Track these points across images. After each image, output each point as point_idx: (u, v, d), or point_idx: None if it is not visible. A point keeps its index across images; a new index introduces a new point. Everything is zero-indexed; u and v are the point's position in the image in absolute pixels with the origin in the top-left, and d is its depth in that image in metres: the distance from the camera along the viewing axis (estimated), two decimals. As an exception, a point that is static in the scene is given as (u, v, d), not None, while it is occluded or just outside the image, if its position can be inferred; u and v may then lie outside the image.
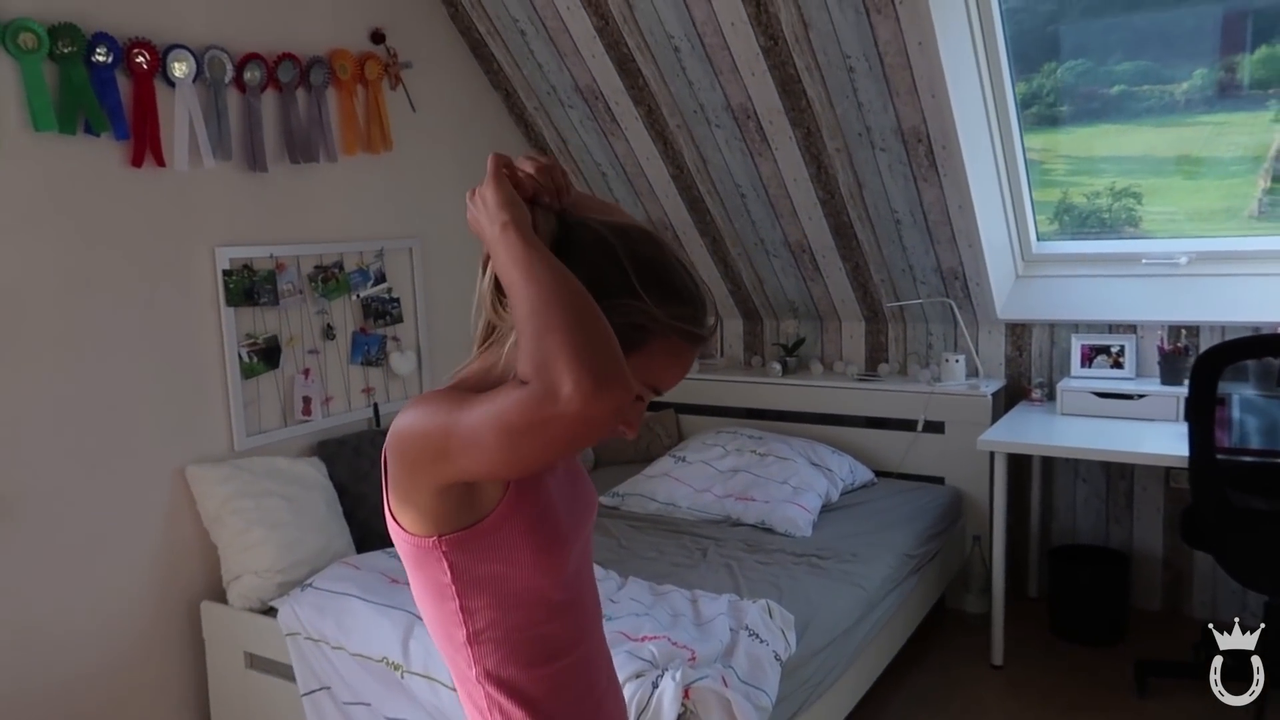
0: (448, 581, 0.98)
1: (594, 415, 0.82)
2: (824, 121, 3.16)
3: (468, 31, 3.48)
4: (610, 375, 0.84)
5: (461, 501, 0.95)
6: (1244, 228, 3.33)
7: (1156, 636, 3.29)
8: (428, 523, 0.96)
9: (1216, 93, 3.17)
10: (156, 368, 2.60)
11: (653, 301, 0.95)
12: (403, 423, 0.95)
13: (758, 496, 3.25)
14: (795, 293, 3.91)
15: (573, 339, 0.84)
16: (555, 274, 0.88)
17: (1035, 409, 3.43)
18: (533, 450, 0.86)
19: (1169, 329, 3.33)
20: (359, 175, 3.12)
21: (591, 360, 0.83)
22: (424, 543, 0.97)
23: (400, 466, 0.95)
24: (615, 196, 3.87)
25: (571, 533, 1.05)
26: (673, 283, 0.98)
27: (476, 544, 0.97)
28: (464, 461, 0.89)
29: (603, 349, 0.85)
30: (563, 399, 0.82)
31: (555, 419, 0.83)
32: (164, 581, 2.64)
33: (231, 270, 2.74)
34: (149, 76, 2.49)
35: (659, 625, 2.21)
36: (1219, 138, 3.26)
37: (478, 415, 0.87)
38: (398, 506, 0.98)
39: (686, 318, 0.98)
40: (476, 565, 0.98)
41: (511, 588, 0.99)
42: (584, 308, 0.87)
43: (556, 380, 0.82)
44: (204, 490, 2.65)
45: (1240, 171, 3.30)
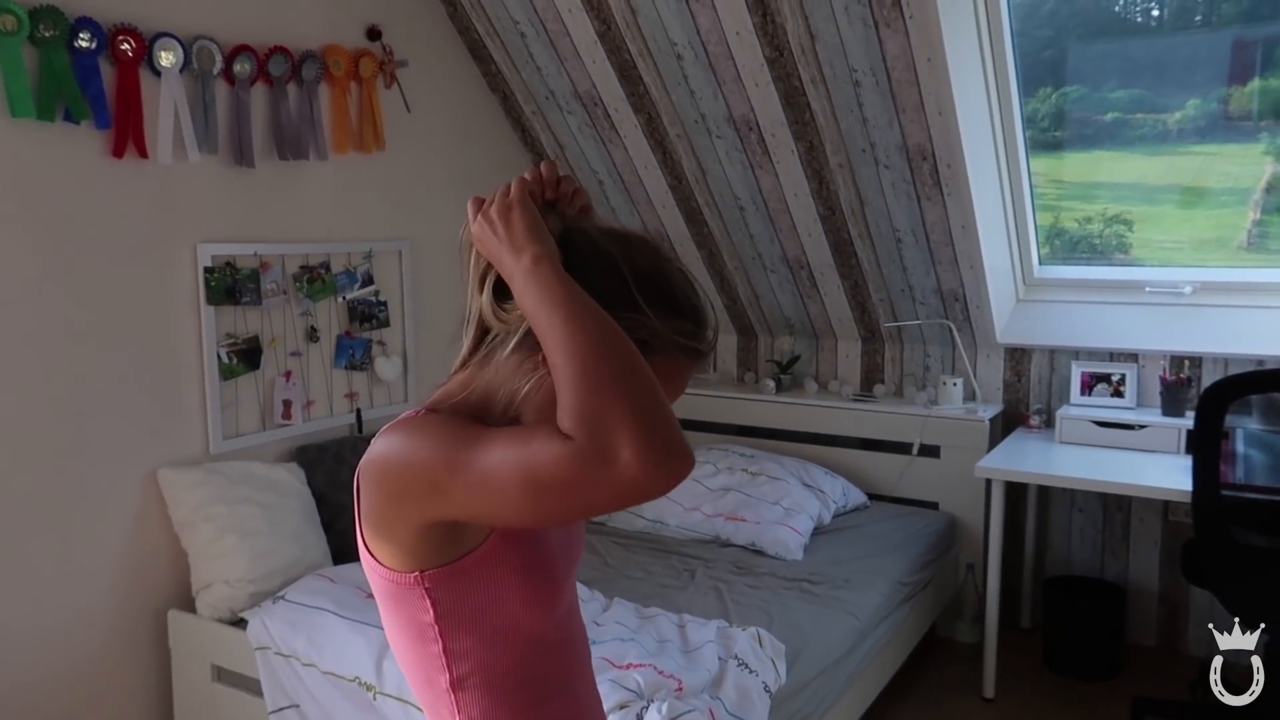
0: (430, 621, 0.90)
1: (652, 486, 0.75)
2: (827, 136, 3.10)
3: (466, 31, 3.40)
4: (677, 445, 0.77)
5: (446, 535, 0.87)
6: (1233, 258, 3.35)
7: (1152, 673, 3.22)
8: (408, 557, 0.88)
9: (1209, 123, 3.20)
10: (131, 366, 2.51)
11: (655, 316, 0.88)
12: (388, 449, 0.86)
13: (748, 517, 3.17)
14: (792, 309, 3.84)
15: (634, 401, 0.76)
16: (602, 322, 0.81)
17: (1033, 436, 3.37)
18: (563, 508, 0.78)
19: (1171, 359, 3.27)
20: (349, 174, 3.04)
21: (657, 427, 0.76)
22: (404, 578, 0.89)
23: (380, 496, 0.86)
24: (612, 206, 3.80)
25: (565, 565, 0.97)
26: (675, 296, 0.92)
27: (464, 579, 0.88)
28: (469, 503, 0.81)
29: (665, 413, 0.78)
30: (619, 465, 0.74)
31: (604, 484, 0.75)
32: (131, 588, 2.54)
33: (213, 267, 2.65)
34: (134, 65, 2.40)
35: (645, 652, 2.12)
36: (1210, 168, 3.29)
37: (497, 458, 0.79)
38: (373, 538, 0.90)
39: (689, 333, 0.91)
40: (463, 603, 0.89)
41: (501, 627, 0.91)
42: (637, 364, 0.79)
43: (614, 444, 0.75)
44: (176, 495, 2.55)
45: (1230, 202, 3.32)
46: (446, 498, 0.82)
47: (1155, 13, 3.28)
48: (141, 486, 2.54)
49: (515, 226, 0.86)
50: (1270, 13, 3.05)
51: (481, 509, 0.81)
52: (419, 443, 0.84)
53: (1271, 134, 3.13)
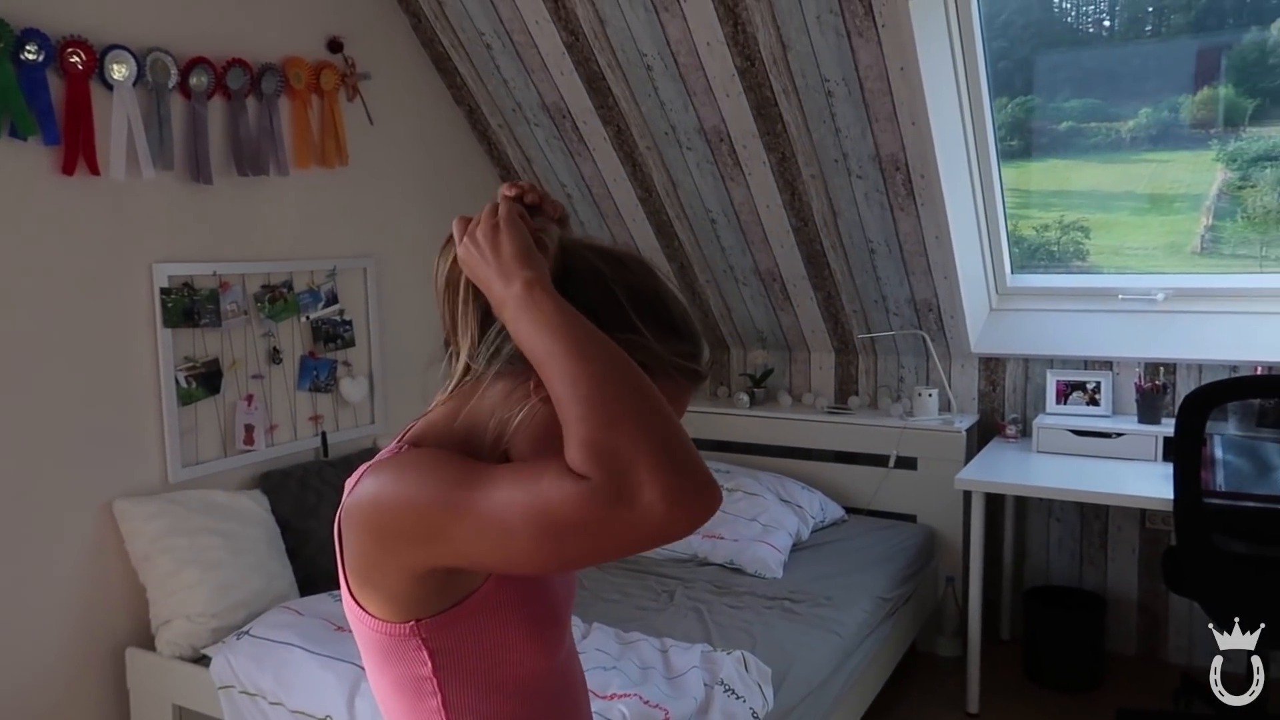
0: (428, 674, 0.82)
1: (678, 526, 0.69)
2: (800, 146, 3.06)
3: (430, 44, 3.33)
4: (703, 479, 0.70)
5: (443, 581, 0.80)
6: (1188, 264, 3.39)
7: (1134, 683, 3.20)
8: (401, 607, 0.80)
9: (1161, 131, 3.26)
10: (84, 393, 2.39)
11: (653, 337, 0.82)
12: (378, 490, 0.78)
13: (726, 534, 3.11)
14: (764, 322, 3.79)
15: (652, 433, 0.70)
16: (607, 348, 0.74)
17: (1009, 446, 3.35)
18: (578, 553, 0.71)
19: (1146, 366, 3.27)
20: (311, 190, 2.95)
21: (680, 461, 0.70)
22: (398, 630, 0.81)
23: (370, 542, 0.79)
24: (581, 220, 3.73)
25: (566, 606, 0.91)
26: (671, 316, 0.86)
27: (463, 626, 0.81)
28: (472, 548, 0.74)
29: (686, 444, 0.71)
30: (642, 505, 0.68)
31: (626, 527, 0.69)
32: (86, 626, 2.42)
33: (170, 288, 2.55)
34: (84, 78, 2.30)
35: (628, 681, 2.05)
36: (1163, 175, 3.35)
37: (503, 499, 0.72)
38: (361, 588, 0.82)
39: (687, 354, 0.86)
40: (464, 651, 0.82)
41: (504, 675, 0.84)
42: (649, 392, 0.73)
43: (634, 482, 0.68)
44: (133, 527, 2.44)
45: (1184, 209, 3.38)
46: (447, 543, 0.75)
47: (1107, 23, 3.34)
48: (96, 519, 2.43)
49: (504, 250, 0.79)
50: (1218, 23, 3.12)
51: (486, 555, 0.74)
52: (412, 482, 0.77)
53: (1222, 141, 3.19)
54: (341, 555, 0.83)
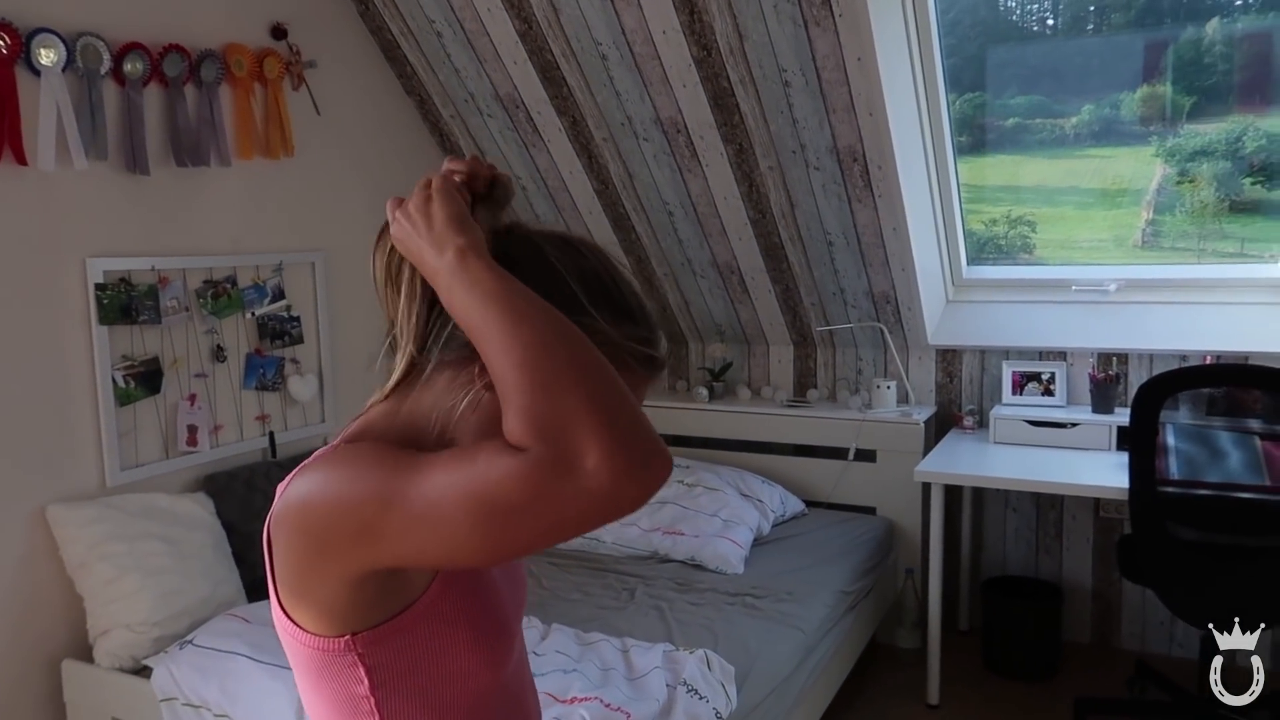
0: (365, 692, 0.77)
1: (626, 496, 0.64)
2: (757, 138, 3.03)
3: (379, 31, 3.24)
4: (651, 446, 0.65)
5: (382, 588, 0.74)
6: (1130, 256, 3.45)
7: (1089, 670, 3.22)
8: (335, 619, 0.75)
9: (1103, 128, 3.31)
10: (14, 394, 2.28)
11: (605, 320, 0.77)
12: (306, 490, 0.72)
13: (686, 530, 3.08)
14: (722, 315, 3.76)
15: (594, 398, 0.65)
16: (546, 312, 0.69)
17: (967, 437, 3.35)
18: (522, 535, 0.65)
19: (1099, 356, 3.29)
20: (255, 181, 2.85)
21: (625, 425, 0.64)
22: (332, 645, 0.75)
23: (301, 548, 0.73)
24: (536, 212, 3.67)
25: (514, 615, 0.85)
26: (626, 302, 0.81)
27: (403, 639, 0.76)
28: (408, 543, 0.68)
29: (632, 410, 0.66)
30: (585, 474, 0.63)
31: (569, 499, 0.63)
32: (19, 637, 2.31)
33: (106, 284, 2.44)
34: (8, 63, 2.19)
35: (589, 684, 2.00)
36: (1105, 170, 3.40)
37: (438, 485, 0.66)
38: (292, 601, 0.76)
39: (644, 340, 0.81)
40: (403, 667, 0.76)
41: (447, 692, 0.78)
42: (592, 356, 0.68)
43: (576, 449, 0.63)
44: (68, 533, 2.33)
45: (1125, 203, 3.44)
46: (381, 540, 0.69)
47: (1050, 21, 3.38)
48: (28, 525, 2.32)
49: (436, 219, 0.74)
50: (1156, 21, 3.17)
51: (425, 548, 0.68)
52: (344, 479, 0.71)
53: (1161, 137, 3.24)
54: (271, 565, 0.77)
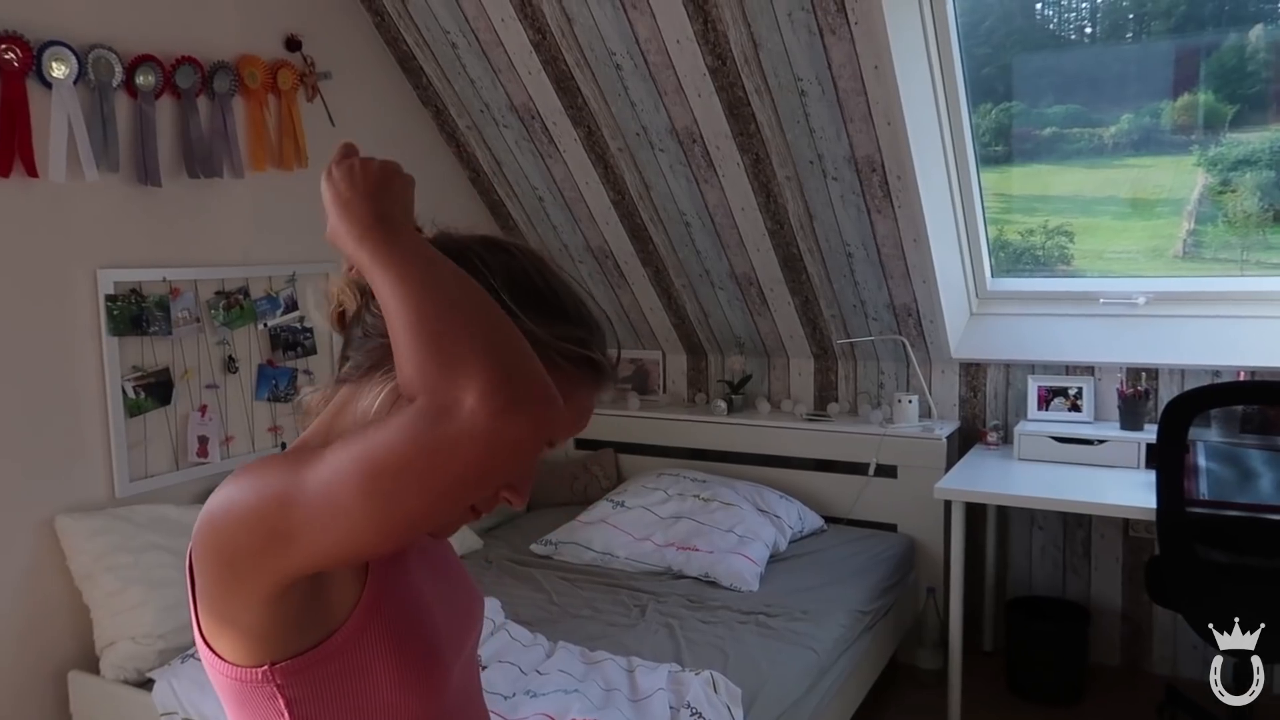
0: None
1: (507, 435, 0.60)
2: (774, 147, 2.98)
3: (394, 42, 3.24)
4: (535, 384, 0.62)
5: (302, 612, 0.70)
6: (1170, 268, 3.36)
7: (1117, 696, 3.12)
8: (255, 647, 0.71)
9: (1143, 136, 3.24)
10: (24, 404, 2.29)
11: (531, 320, 0.72)
12: (214, 507, 0.70)
13: (701, 546, 3.02)
14: (741, 327, 3.71)
15: (479, 339, 0.61)
16: (454, 273, 0.67)
17: (991, 453, 3.27)
18: (413, 499, 0.61)
19: (1128, 371, 3.20)
20: (269, 193, 2.85)
21: (508, 366, 0.61)
22: (250, 675, 0.72)
23: (215, 566, 0.69)
24: (553, 222, 3.65)
25: (451, 644, 0.81)
26: (559, 301, 0.77)
27: (324, 670, 0.72)
28: (313, 540, 0.64)
29: (519, 349, 0.63)
30: (464, 414, 0.59)
31: (450, 446, 0.59)
32: (26, 648, 2.31)
33: (116, 295, 2.45)
34: (19, 76, 2.20)
35: (589, 705, 1.95)
36: (1145, 180, 3.32)
37: (330, 467, 0.63)
38: (212, 627, 0.73)
39: (576, 340, 0.76)
40: (325, 699, 0.73)
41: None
42: (491, 308, 0.65)
43: (457, 391, 0.60)
44: (75, 544, 2.33)
45: (1165, 213, 3.35)
46: (287, 543, 0.65)
47: (1089, 30, 3.32)
48: (37, 535, 2.32)
49: (359, 184, 0.73)
50: (1197, 28, 3.09)
51: (327, 542, 0.64)
52: (246, 487, 0.68)
53: (1203, 146, 3.16)
54: (192, 592, 0.74)
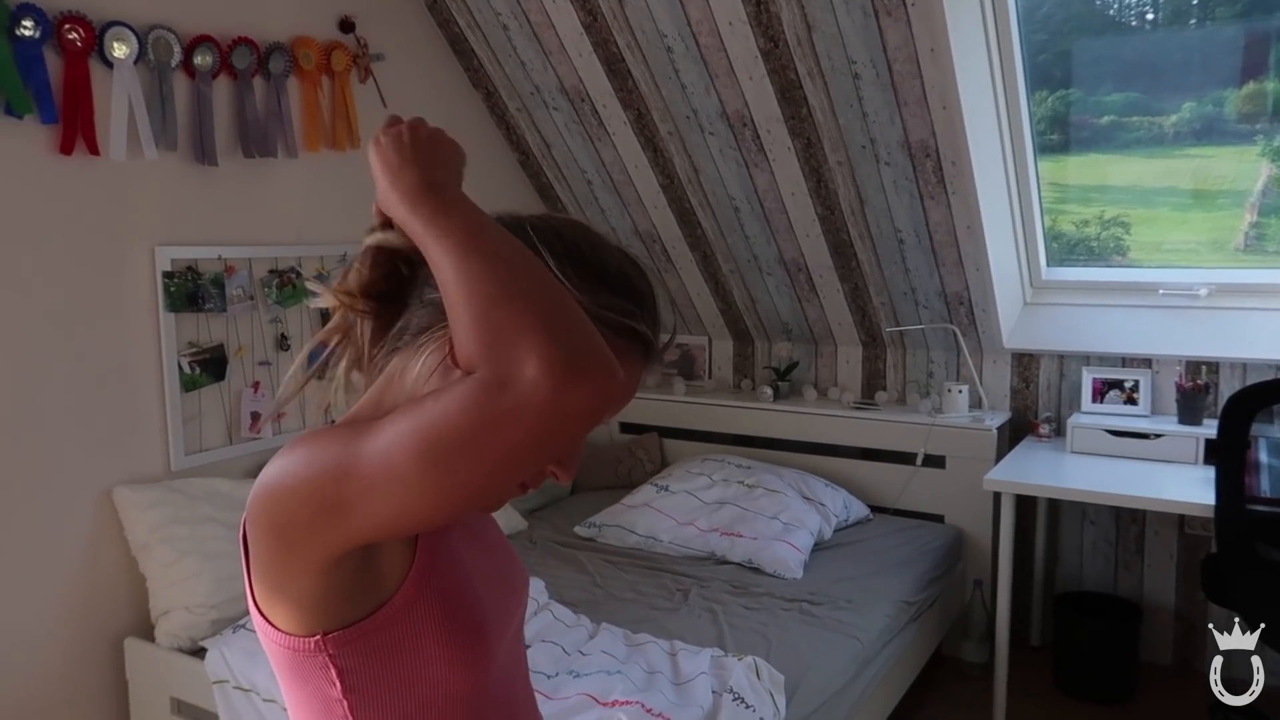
0: (337, 696, 0.74)
1: (569, 406, 0.59)
2: (825, 132, 2.95)
3: (446, 24, 3.25)
4: (594, 353, 0.61)
5: (353, 584, 0.71)
6: (1231, 260, 3.26)
7: (1168, 695, 3.06)
8: (307, 617, 0.72)
9: (1205, 126, 3.14)
10: (83, 379, 2.34)
11: (574, 285, 0.71)
12: (268, 478, 0.70)
13: (745, 532, 3.01)
14: (789, 313, 3.68)
15: (538, 313, 0.61)
16: (509, 241, 0.66)
17: (1042, 446, 3.21)
18: (472, 471, 0.61)
19: (1187, 364, 3.12)
20: (321, 173, 2.88)
21: (566, 332, 0.61)
22: (303, 644, 0.73)
23: (268, 538, 0.70)
24: (601, 206, 3.64)
25: (498, 620, 0.81)
26: (604, 269, 0.75)
27: (374, 642, 0.73)
28: (368, 510, 0.64)
29: (577, 318, 0.62)
30: (524, 386, 0.59)
31: (511, 418, 0.59)
32: (85, 615, 2.38)
33: (173, 272, 2.49)
34: (83, 55, 2.24)
35: (631, 687, 1.96)
36: (1207, 170, 3.23)
37: (387, 438, 0.63)
38: (265, 597, 0.74)
39: (623, 310, 0.74)
40: (375, 671, 0.74)
41: (423, 696, 0.75)
42: (541, 277, 0.65)
43: (515, 361, 0.59)
44: (132, 515, 2.39)
45: (1227, 205, 3.26)
46: (342, 513, 0.65)
47: (1150, 16, 3.23)
48: (96, 506, 2.38)
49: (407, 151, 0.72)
50: (1265, 13, 2.99)
51: (383, 512, 0.64)
52: (302, 458, 0.68)
53: (1268, 136, 3.06)
54: (247, 563, 0.74)
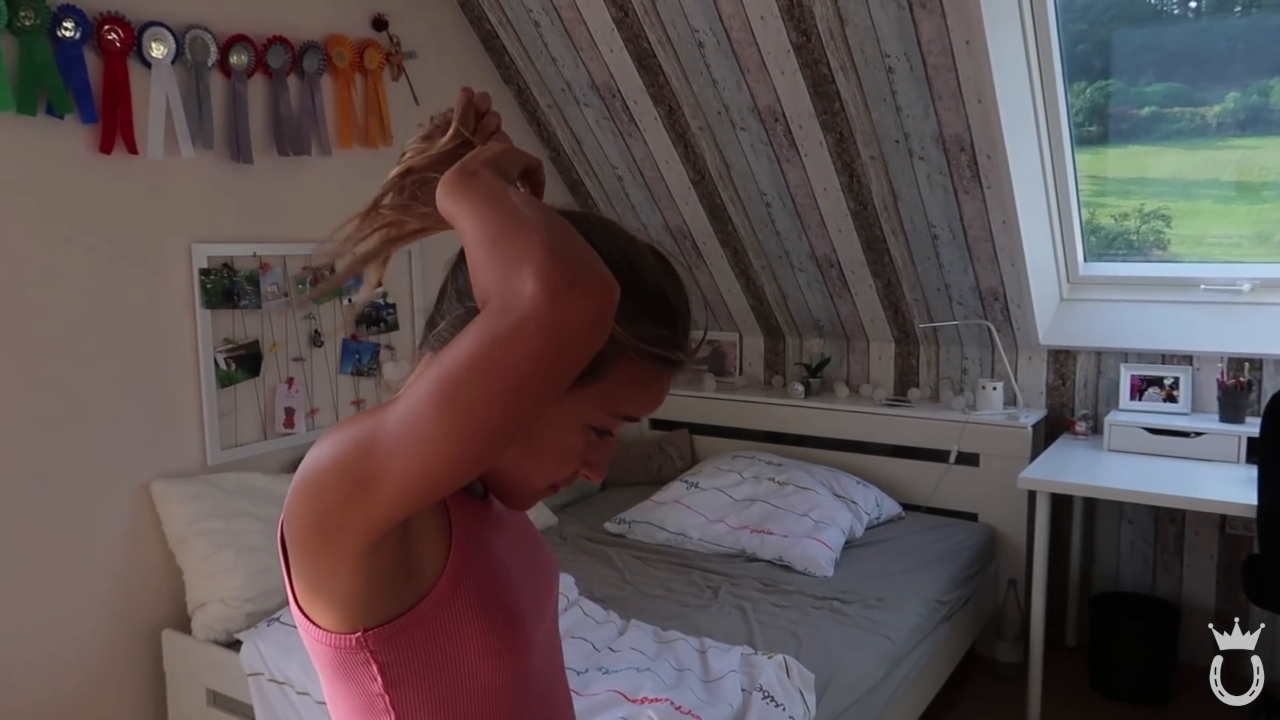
0: (379, 690, 0.75)
1: (568, 315, 0.60)
2: (858, 126, 2.92)
3: (478, 22, 3.26)
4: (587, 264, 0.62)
5: (391, 578, 0.72)
6: (1275, 254, 3.18)
7: (1208, 697, 2.99)
8: (348, 614, 0.73)
9: (1250, 116, 3.07)
10: (122, 374, 2.38)
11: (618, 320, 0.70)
12: (302, 469, 0.71)
13: (775, 530, 3.00)
14: (821, 310, 3.66)
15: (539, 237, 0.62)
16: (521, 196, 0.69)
17: (1079, 444, 3.16)
18: (485, 402, 0.61)
19: (1229, 361, 3.06)
20: (355, 171, 2.90)
21: (563, 250, 0.62)
22: (344, 641, 0.74)
23: (306, 531, 0.71)
24: (631, 202, 3.64)
25: (534, 610, 0.82)
26: (644, 292, 0.75)
27: (414, 635, 0.74)
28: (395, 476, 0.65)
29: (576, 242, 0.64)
30: (525, 300, 0.60)
31: (514, 333, 0.60)
32: (124, 607, 2.42)
33: (209, 269, 2.53)
34: (122, 55, 2.27)
35: (661, 684, 1.96)
36: (1251, 162, 3.16)
37: (407, 400, 0.65)
38: (306, 596, 0.75)
39: (661, 341, 0.75)
40: (416, 664, 0.75)
41: (463, 688, 0.76)
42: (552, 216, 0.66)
43: (518, 283, 0.61)
44: (170, 509, 2.43)
45: (1272, 197, 3.18)
46: (371, 485, 0.66)
47: (1193, 4, 3.16)
48: (134, 500, 2.42)
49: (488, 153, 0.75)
50: (1315, 2, 2.89)
51: (408, 473, 0.64)
52: (330, 444, 0.70)
53: (1316, 127, 2.97)
54: (286, 563, 0.75)
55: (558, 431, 0.76)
